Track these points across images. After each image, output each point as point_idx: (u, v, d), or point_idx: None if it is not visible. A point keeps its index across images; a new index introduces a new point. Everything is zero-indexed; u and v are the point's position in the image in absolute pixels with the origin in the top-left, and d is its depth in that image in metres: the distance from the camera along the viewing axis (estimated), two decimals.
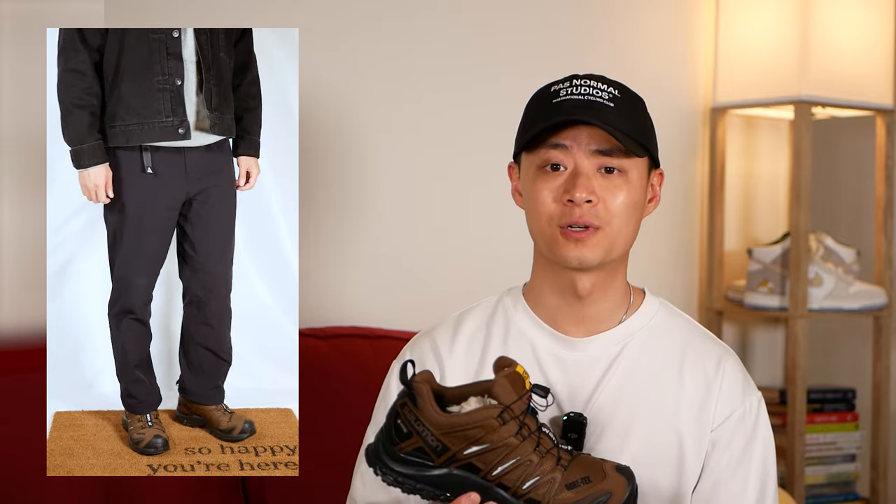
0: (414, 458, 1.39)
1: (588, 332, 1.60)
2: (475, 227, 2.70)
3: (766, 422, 1.63)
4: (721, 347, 1.65)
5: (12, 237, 2.09)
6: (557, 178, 1.54)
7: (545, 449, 1.39)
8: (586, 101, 1.53)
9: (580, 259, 1.54)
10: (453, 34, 2.69)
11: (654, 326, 1.63)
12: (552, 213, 1.54)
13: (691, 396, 1.59)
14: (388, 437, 1.40)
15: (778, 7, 2.89)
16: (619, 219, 1.54)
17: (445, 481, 1.38)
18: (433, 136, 2.66)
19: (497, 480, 1.38)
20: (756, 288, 2.97)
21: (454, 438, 1.37)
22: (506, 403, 1.37)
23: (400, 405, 1.39)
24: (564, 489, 1.38)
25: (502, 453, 1.37)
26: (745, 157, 3.17)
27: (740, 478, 1.58)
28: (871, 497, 3.05)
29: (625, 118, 1.54)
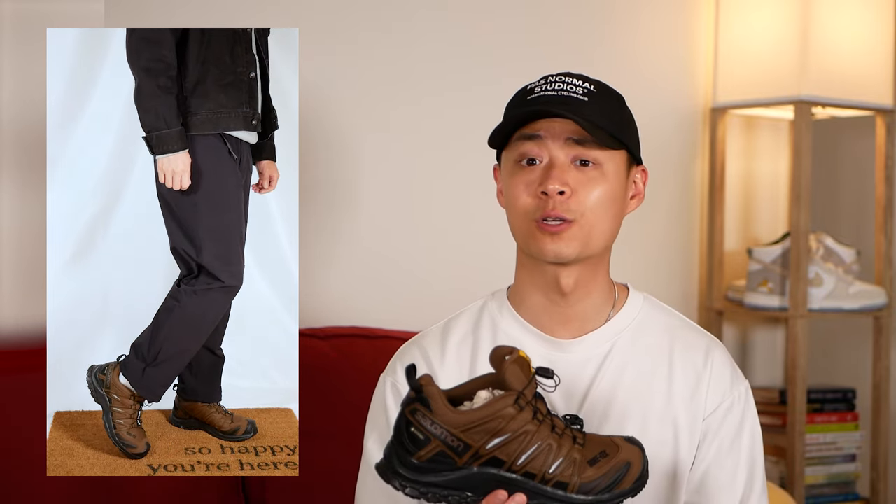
0: (434, 463, 1.35)
1: (575, 333, 1.60)
2: (474, 227, 2.70)
3: (754, 410, 1.64)
4: (708, 338, 1.66)
5: (12, 237, 2.09)
6: (533, 172, 1.55)
7: (560, 430, 1.38)
8: (560, 96, 1.54)
9: (556, 253, 1.54)
10: (452, 35, 2.68)
11: (641, 322, 1.63)
12: (527, 206, 1.54)
13: (682, 388, 1.60)
14: (402, 448, 1.36)
15: (778, 7, 2.89)
16: (593, 212, 1.54)
17: (472, 481, 1.36)
18: (433, 136, 2.66)
19: (523, 470, 1.36)
20: (756, 288, 2.97)
21: (474, 434, 1.34)
22: (519, 389, 1.35)
23: (410, 412, 1.35)
24: (588, 466, 1.37)
25: (524, 441, 1.35)
26: (745, 157, 3.17)
27: (729, 466, 1.60)
28: (871, 497, 3.05)
29: (598, 112, 1.54)
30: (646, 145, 1.68)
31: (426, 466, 1.35)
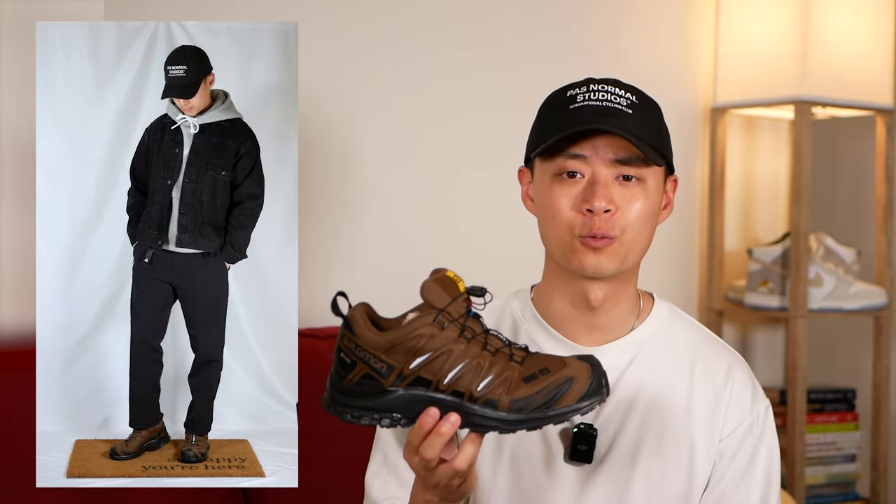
0: (363, 386, 1.35)
1: (599, 341, 1.58)
2: (475, 228, 2.70)
3: (773, 430, 1.61)
4: (731, 354, 1.63)
5: (12, 238, 2.09)
6: (575, 186, 1.51)
7: (494, 348, 1.35)
8: (604, 107, 1.50)
9: (597, 268, 1.51)
10: (454, 36, 2.68)
11: (665, 334, 1.60)
12: (571, 222, 1.51)
13: (701, 406, 1.57)
14: (337, 375, 1.36)
15: (778, 7, 2.89)
16: (635, 228, 1.51)
17: (400, 403, 1.34)
18: (433, 137, 2.66)
19: (450, 388, 1.33)
20: (756, 288, 2.97)
21: (397, 355, 1.33)
22: (438, 307, 1.34)
23: (338, 337, 1.36)
24: (522, 384, 1.34)
25: (448, 359, 1.33)
26: (745, 157, 3.17)
27: (744, 489, 1.57)
28: (871, 497, 3.05)
29: (644, 125, 1.51)
30: None
31: (356, 390, 1.35)
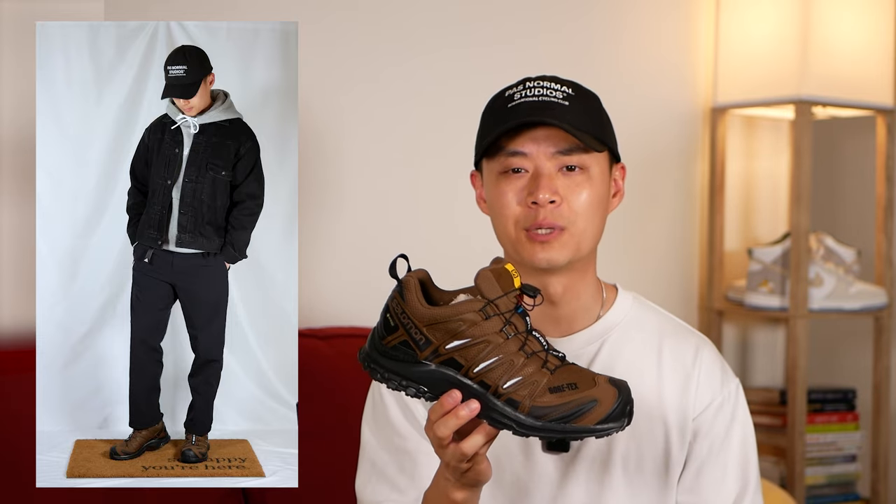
0: (399, 352, 1.37)
1: (565, 332, 1.60)
2: (474, 228, 2.69)
3: (745, 408, 1.64)
4: (697, 337, 1.66)
5: (12, 237, 2.09)
6: (520, 180, 1.54)
7: (531, 350, 1.36)
8: (541, 102, 1.53)
9: (548, 260, 1.53)
10: (454, 37, 2.68)
11: (630, 321, 1.63)
12: (517, 215, 1.54)
13: (671, 387, 1.60)
14: (378, 333, 1.38)
15: (778, 7, 2.89)
16: (583, 217, 1.54)
17: (429, 377, 1.36)
18: (434, 137, 2.66)
19: (479, 378, 1.34)
20: (756, 288, 2.97)
21: (437, 332, 1.35)
22: (489, 298, 1.35)
23: (390, 297, 1.38)
24: (547, 392, 1.34)
25: (484, 349, 1.34)
26: (746, 157, 3.17)
27: (720, 464, 1.60)
28: (871, 497, 3.05)
29: (581, 115, 1.54)
30: (646, 145, 1.68)
31: (391, 353, 1.37)
